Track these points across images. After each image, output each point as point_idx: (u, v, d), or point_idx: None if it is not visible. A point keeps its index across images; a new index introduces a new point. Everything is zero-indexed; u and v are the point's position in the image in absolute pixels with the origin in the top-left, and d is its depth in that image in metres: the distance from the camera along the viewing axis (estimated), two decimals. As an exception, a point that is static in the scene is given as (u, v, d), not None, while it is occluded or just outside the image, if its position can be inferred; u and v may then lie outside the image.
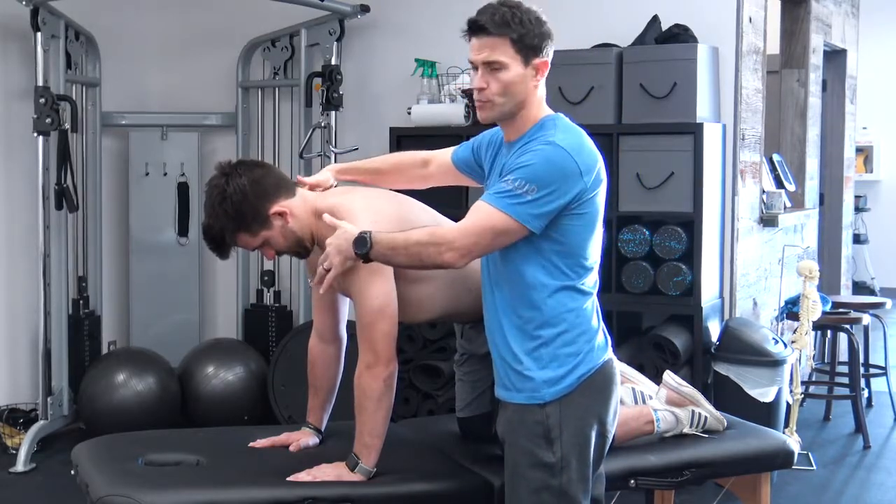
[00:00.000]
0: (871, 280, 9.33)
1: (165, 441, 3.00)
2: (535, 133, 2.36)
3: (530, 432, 2.37)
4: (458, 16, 5.78)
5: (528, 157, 2.28)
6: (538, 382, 2.36)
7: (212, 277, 5.82)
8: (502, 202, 2.26)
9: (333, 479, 2.62)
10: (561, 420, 2.35)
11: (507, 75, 2.31)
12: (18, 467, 4.62)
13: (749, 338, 4.36)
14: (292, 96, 5.60)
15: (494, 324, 2.45)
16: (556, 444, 2.35)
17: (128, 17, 5.71)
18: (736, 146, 4.69)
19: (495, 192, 2.28)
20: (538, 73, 2.35)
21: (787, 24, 6.02)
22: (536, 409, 2.37)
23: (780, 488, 4.36)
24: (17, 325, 5.19)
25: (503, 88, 2.32)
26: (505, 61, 2.31)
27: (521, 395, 2.39)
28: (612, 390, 2.44)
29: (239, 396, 5.09)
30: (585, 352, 2.38)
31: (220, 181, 2.66)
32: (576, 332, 2.37)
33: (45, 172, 4.86)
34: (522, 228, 2.27)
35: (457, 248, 2.28)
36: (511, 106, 2.35)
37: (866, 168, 9.94)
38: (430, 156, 2.83)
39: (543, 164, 2.26)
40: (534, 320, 2.36)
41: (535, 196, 2.25)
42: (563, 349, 2.36)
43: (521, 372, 2.39)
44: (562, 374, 2.36)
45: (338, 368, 2.99)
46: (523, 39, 2.30)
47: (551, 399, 2.36)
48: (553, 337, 2.36)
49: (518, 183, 2.25)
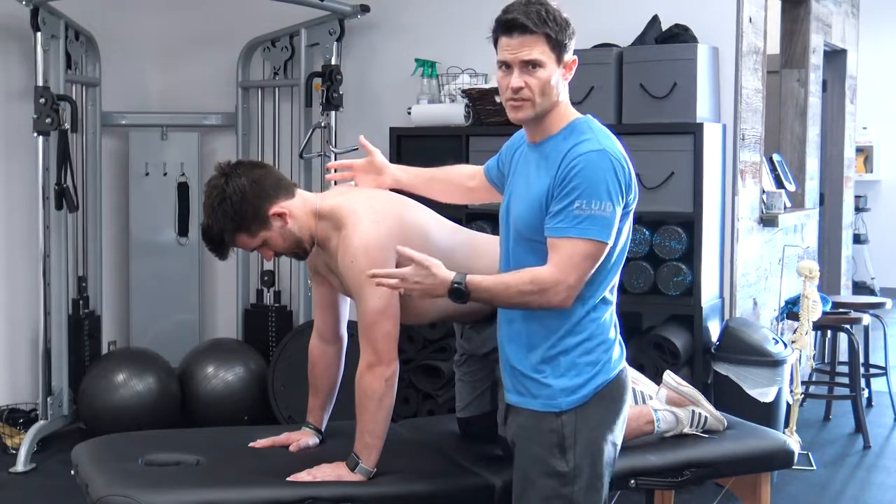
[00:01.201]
0: (871, 280, 9.33)
1: (165, 441, 3.00)
2: (568, 136, 2.32)
3: (544, 440, 2.35)
4: (458, 16, 5.80)
5: (582, 171, 2.24)
6: (555, 390, 2.33)
7: (212, 277, 5.82)
8: (583, 230, 2.23)
9: (333, 479, 2.62)
10: (576, 429, 2.33)
11: (545, 74, 2.28)
12: (18, 467, 4.62)
13: (749, 338, 4.36)
14: (292, 96, 5.60)
15: (512, 330, 2.41)
16: (570, 453, 2.33)
17: (128, 17, 5.71)
18: (736, 146, 4.69)
19: (573, 222, 2.23)
20: (567, 71, 2.33)
21: (787, 24, 6.02)
22: (552, 417, 2.34)
23: (780, 488, 4.36)
24: (17, 325, 5.19)
25: (542, 87, 2.28)
26: (543, 59, 2.27)
27: (536, 402, 2.36)
28: (625, 400, 2.42)
29: (239, 396, 5.09)
30: (603, 362, 2.36)
31: (220, 182, 2.66)
32: (596, 342, 2.35)
33: (45, 172, 4.86)
34: (606, 245, 2.26)
35: (563, 289, 2.24)
36: (547, 105, 2.31)
37: (866, 168, 9.94)
38: (476, 171, 2.80)
39: (602, 175, 2.24)
40: (559, 329, 2.33)
41: (606, 211, 2.24)
42: (583, 358, 2.34)
43: (538, 380, 2.35)
44: (579, 383, 2.33)
45: (338, 369, 3.00)
46: (557, 37, 2.27)
47: (568, 408, 2.33)
48: (574, 346, 2.33)
49: (587, 204, 2.22)
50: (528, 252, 2.34)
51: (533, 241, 2.33)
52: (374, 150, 2.90)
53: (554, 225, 2.25)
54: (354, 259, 2.63)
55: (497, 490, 2.70)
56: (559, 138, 2.33)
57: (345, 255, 2.66)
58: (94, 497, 2.53)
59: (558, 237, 2.24)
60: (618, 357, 2.40)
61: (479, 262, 2.83)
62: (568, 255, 2.23)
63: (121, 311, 5.68)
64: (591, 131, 2.32)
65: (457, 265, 2.81)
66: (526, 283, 2.25)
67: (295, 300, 5.62)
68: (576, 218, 2.22)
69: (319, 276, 2.91)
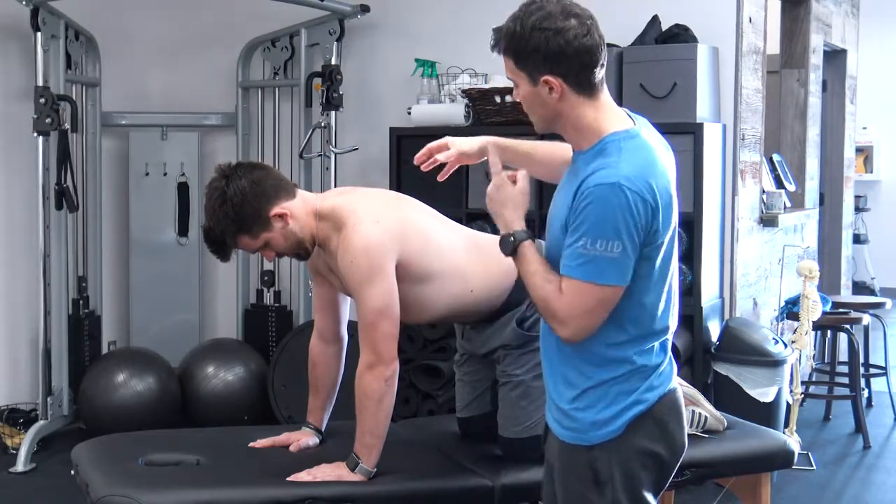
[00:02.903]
0: (871, 280, 9.33)
1: (165, 441, 3.00)
2: (595, 157, 2.07)
3: (579, 475, 2.15)
4: (458, 16, 5.79)
5: (590, 206, 2.00)
6: (584, 423, 2.13)
7: (212, 277, 5.82)
8: (587, 272, 2.01)
9: (333, 479, 2.63)
10: (611, 463, 2.12)
11: (520, 93, 2.12)
12: (18, 467, 4.61)
13: (749, 338, 4.36)
14: (292, 96, 5.60)
15: (551, 347, 2.20)
16: (607, 488, 2.12)
17: (128, 17, 5.71)
18: (736, 146, 4.69)
19: (577, 262, 2.02)
20: (552, 89, 2.05)
21: (787, 24, 6.02)
22: (583, 451, 2.13)
23: (780, 488, 4.36)
24: (17, 325, 5.19)
25: (524, 105, 2.14)
26: (514, 79, 2.12)
27: (567, 434, 2.16)
28: (672, 422, 2.16)
29: (239, 396, 5.09)
30: (640, 389, 2.12)
31: (220, 184, 2.66)
32: (632, 372, 2.12)
33: (45, 172, 4.85)
34: (616, 287, 2.03)
35: (570, 329, 2.05)
36: (543, 121, 2.13)
37: (866, 168, 9.94)
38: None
39: (612, 212, 1.98)
40: (592, 359, 2.11)
41: (614, 252, 2.00)
42: (614, 387, 2.11)
43: (566, 411, 2.15)
44: (610, 415, 2.11)
45: (338, 368, 3.00)
46: (519, 58, 2.07)
47: (598, 442, 2.12)
48: (606, 380, 2.11)
49: (591, 244, 2.00)
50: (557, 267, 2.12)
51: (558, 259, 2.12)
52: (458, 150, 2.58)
53: (563, 262, 2.05)
54: (354, 259, 2.64)
55: (497, 490, 2.70)
56: (588, 156, 2.09)
57: (345, 254, 2.66)
58: (94, 497, 2.53)
59: (564, 276, 2.05)
60: (659, 385, 2.14)
61: (479, 262, 2.84)
62: (573, 299, 2.04)
63: (121, 311, 5.68)
64: (619, 154, 2.04)
65: (457, 265, 2.82)
66: (541, 296, 2.08)
67: (295, 300, 5.62)
68: (579, 257, 2.01)
69: (320, 276, 2.91)
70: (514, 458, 2.83)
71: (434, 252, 2.78)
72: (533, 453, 2.69)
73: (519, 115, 4.68)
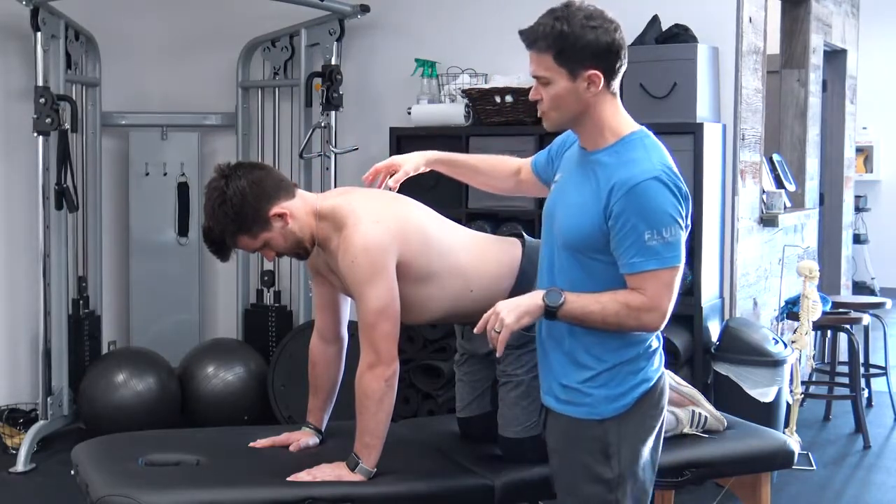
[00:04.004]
0: (871, 280, 9.33)
1: (165, 441, 3.00)
2: (620, 152, 2.25)
3: (588, 447, 2.31)
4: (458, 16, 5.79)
5: (643, 201, 2.17)
6: (597, 399, 2.30)
7: (212, 277, 5.82)
8: (663, 260, 2.20)
9: (333, 479, 2.63)
10: (619, 436, 2.30)
11: (553, 90, 2.22)
12: (18, 467, 4.61)
13: (749, 338, 4.36)
14: (292, 96, 5.60)
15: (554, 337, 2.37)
16: (615, 460, 2.30)
17: (128, 17, 5.71)
18: (736, 146, 4.69)
19: (650, 253, 2.18)
20: (591, 84, 2.21)
21: (787, 24, 6.02)
22: (594, 425, 2.31)
23: (780, 488, 4.36)
24: (17, 325, 5.19)
25: (552, 102, 2.24)
26: (548, 76, 2.21)
27: (577, 410, 2.33)
28: (664, 403, 2.39)
29: (239, 396, 5.09)
30: (645, 369, 2.32)
31: (220, 183, 2.66)
32: (639, 352, 2.32)
33: (45, 172, 4.85)
34: (681, 265, 2.24)
35: (658, 316, 2.23)
36: (568, 117, 2.27)
37: (866, 168, 9.94)
38: (521, 164, 2.73)
39: (664, 200, 2.18)
40: (608, 344, 2.30)
41: (676, 236, 2.20)
42: (625, 368, 2.30)
43: (579, 389, 2.32)
44: (622, 391, 2.30)
45: (339, 369, 3.00)
46: (563, 54, 2.18)
47: (609, 416, 2.30)
48: (620, 361, 2.30)
49: (658, 234, 2.18)
50: (573, 264, 2.30)
51: (579, 254, 2.28)
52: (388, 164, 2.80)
53: (629, 261, 2.21)
54: (355, 259, 2.64)
55: (497, 490, 2.70)
56: (611, 152, 2.26)
57: (345, 254, 2.66)
58: (94, 497, 2.53)
59: (638, 272, 2.21)
60: (658, 364, 2.37)
61: (479, 262, 2.84)
62: (656, 286, 2.21)
63: (121, 311, 5.68)
64: (645, 150, 2.25)
65: (456, 265, 2.82)
66: (617, 314, 2.22)
67: (295, 300, 5.62)
68: (650, 250, 2.18)
69: (320, 276, 2.91)
70: (514, 458, 2.82)
71: (434, 252, 2.78)
72: (533, 453, 2.70)
73: (519, 115, 4.70)
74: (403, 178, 2.75)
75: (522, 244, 2.90)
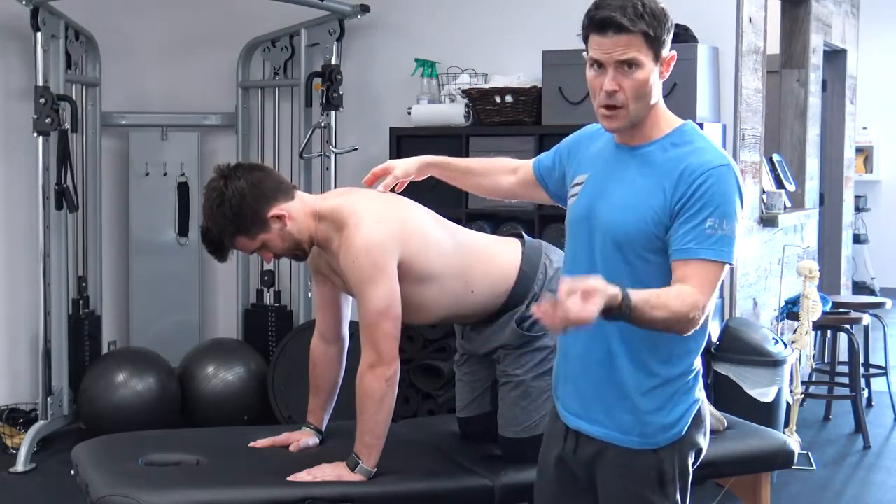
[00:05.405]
0: (871, 280, 9.33)
1: (165, 441, 3.00)
2: (678, 143, 2.13)
3: (643, 479, 2.16)
4: (458, 16, 5.78)
5: (713, 186, 2.04)
6: (655, 427, 2.14)
7: (212, 277, 5.82)
8: (717, 252, 2.03)
9: (333, 479, 2.63)
10: (675, 463, 2.16)
11: (642, 75, 2.06)
12: (18, 467, 4.61)
13: (749, 338, 4.36)
14: (292, 96, 5.60)
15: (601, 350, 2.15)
16: (670, 487, 2.16)
17: (128, 17, 5.71)
18: (736, 146, 4.69)
19: (708, 242, 2.03)
20: (665, 69, 2.11)
21: (787, 24, 6.02)
22: (650, 455, 2.14)
23: (780, 488, 4.36)
24: (17, 325, 5.19)
25: (637, 89, 2.07)
26: (640, 59, 2.05)
27: (630, 440, 2.15)
28: (707, 415, 2.27)
29: (239, 396, 5.09)
30: (695, 387, 2.19)
31: (219, 184, 2.66)
32: (691, 367, 2.19)
33: (45, 172, 4.85)
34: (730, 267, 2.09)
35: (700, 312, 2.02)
36: (643, 110, 2.11)
37: (866, 168, 9.94)
38: (517, 165, 2.58)
39: (731, 192, 2.05)
40: (663, 354, 2.14)
41: (735, 232, 2.05)
42: (681, 385, 2.16)
43: (632, 412, 2.14)
44: (678, 416, 2.15)
45: (339, 369, 3.00)
46: (655, 33, 2.05)
47: (665, 444, 2.15)
48: (675, 375, 2.15)
49: (719, 224, 2.03)
50: (620, 266, 2.10)
51: (630, 253, 2.10)
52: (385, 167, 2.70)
53: (683, 245, 2.04)
54: (356, 259, 2.64)
55: (497, 490, 2.70)
56: (665, 143, 2.13)
57: (346, 254, 2.66)
58: (94, 497, 2.53)
59: (689, 259, 2.03)
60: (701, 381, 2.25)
61: (479, 262, 2.84)
62: (703, 276, 2.03)
63: (121, 311, 5.68)
64: (704, 140, 2.13)
65: (457, 266, 2.82)
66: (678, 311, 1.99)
67: (295, 300, 5.62)
68: (708, 238, 2.03)
69: (322, 276, 2.91)
70: (514, 458, 2.83)
71: (434, 253, 2.78)
72: (533, 453, 2.68)
73: (519, 115, 4.70)
74: (393, 183, 2.63)
75: (522, 244, 2.90)
